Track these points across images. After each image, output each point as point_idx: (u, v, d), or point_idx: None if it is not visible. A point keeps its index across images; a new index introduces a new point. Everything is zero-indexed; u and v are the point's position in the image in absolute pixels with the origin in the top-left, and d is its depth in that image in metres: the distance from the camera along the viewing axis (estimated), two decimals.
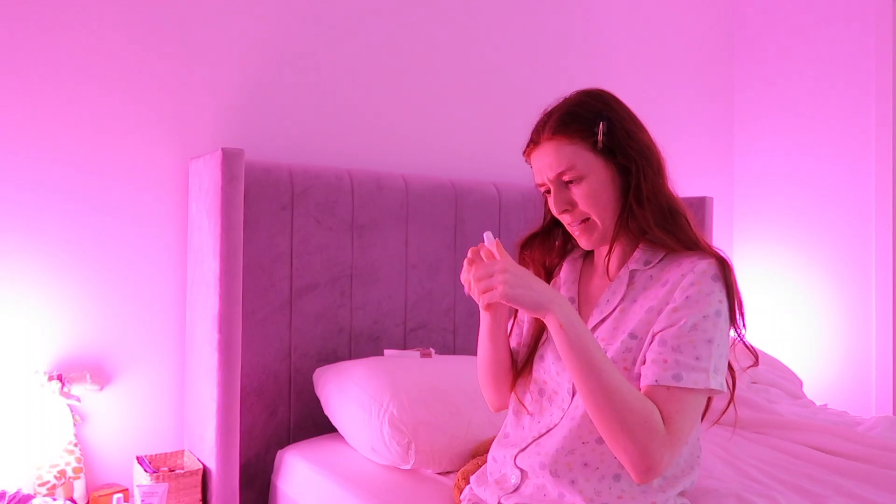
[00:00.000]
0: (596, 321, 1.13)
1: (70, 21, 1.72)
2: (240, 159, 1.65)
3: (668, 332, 1.03)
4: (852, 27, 2.82)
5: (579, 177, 1.09)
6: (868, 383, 2.77)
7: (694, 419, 1.02)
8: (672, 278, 1.07)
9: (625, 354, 1.06)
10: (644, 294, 1.10)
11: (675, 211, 1.10)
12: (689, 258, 1.08)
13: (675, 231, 1.09)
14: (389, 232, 2.07)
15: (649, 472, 0.98)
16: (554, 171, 1.10)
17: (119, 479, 1.79)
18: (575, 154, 1.09)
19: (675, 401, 1.00)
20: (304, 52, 2.06)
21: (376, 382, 1.67)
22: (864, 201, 2.79)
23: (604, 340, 1.10)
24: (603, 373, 0.98)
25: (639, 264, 1.12)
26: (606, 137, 1.08)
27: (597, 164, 1.09)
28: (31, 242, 1.69)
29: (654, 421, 0.97)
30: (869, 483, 1.48)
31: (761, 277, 3.11)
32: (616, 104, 1.12)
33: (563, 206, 1.12)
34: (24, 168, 1.68)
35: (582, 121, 1.09)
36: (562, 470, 1.09)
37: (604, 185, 1.09)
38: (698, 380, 1.00)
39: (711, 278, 1.04)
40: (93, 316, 1.77)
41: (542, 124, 1.13)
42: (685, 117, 3.07)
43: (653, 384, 1.01)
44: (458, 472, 1.49)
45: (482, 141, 2.43)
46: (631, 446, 0.97)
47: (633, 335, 1.07)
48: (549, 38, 2.61)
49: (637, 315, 1.08)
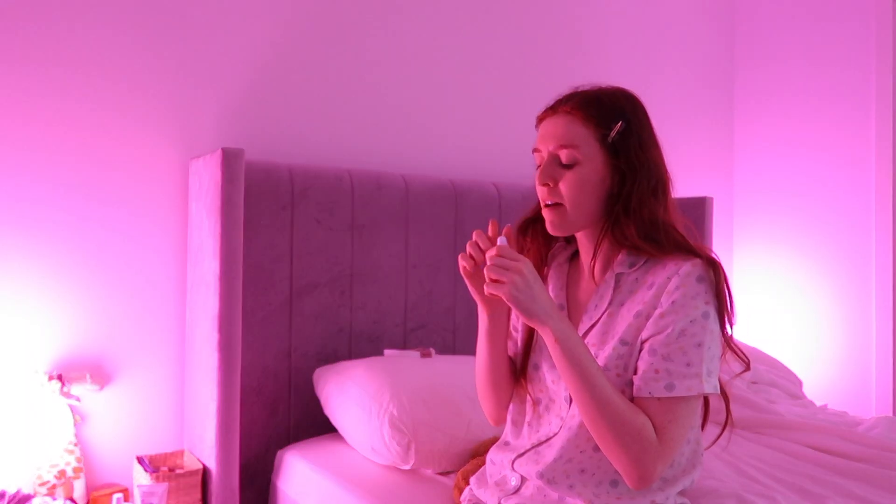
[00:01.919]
0: (586, 327, 1.13)
1: (71, 21, 1.72)
2: (240, 159, 1.65)
3: (656, 340, 1.02)
4: (853, 27, 2.82)
5: (576, 160, 1.08)
6: (868, 383, 2.77)
7: (688, 425, 1.02)
8: (657, 280, 1.06)
9: (617, 361, 1.06)
10: (631, 298, 1.09)
11: (657, 223, 1.08)
12: (673, 260, 1.06)
13: (658, 236, 1.07)
14: (389, 232, 2.07)
15: (642, 481, 0.99)
16: (556, 143, 1.09)
17: (119, 479, 1.79)
18: (583, 136, 1.08)
19: (667, 411, 1.00)
20: (305, 52, 2.06)
21: (376, 382, 1.67)
22: (864, 201, 2.79)
23: (594, 346, 1.10)
24: (596, 388, 0.98)
25: (623, 267, 1.11)
26: (619, 137, 1.07)
27: (597, 157, 1.08)
28: (32, 242, 1.69)
29: (646, 433, 0.98)
30: (869, 483, 1.48)
31: (761, 277, 3.11)
32: (641, 112, 1.12)
33: (547, 180, 1.10)
34: (24, 168, 1.68)
35: (604, 110, 1.08)
36: (559, 477, 1.09)
37: (593, 179, 1.08)
38: (691, 386, 1.00)
39: (696, 280, 1.03)
40: (93, 316, 1.77)
41: (566, 97, 1.12)
42: (685, 117, 3.07)
43: (646, 396, 1.01)
44: (458, 472, 1.49)
45: (482, 141, 2.43)
46: (624, 457, 0.98)
47: (623, 341, 1.06)
48: (549, 38, 2.61)
49: (625, 320, 1.08)
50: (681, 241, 1.08)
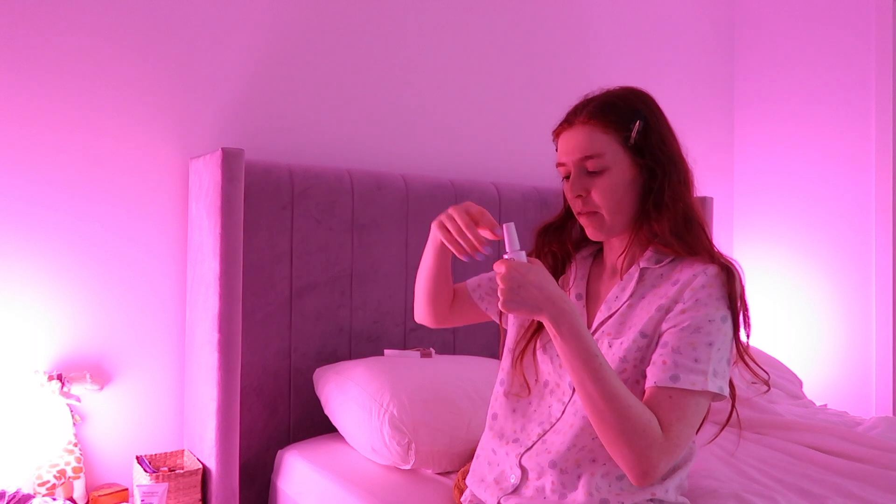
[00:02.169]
0: (603, 317, 1.13)
1: (71, 20, 1.72)
2: (240, 159, 1.65)
3: (670, 333, 1.03)
4: (853, 27, 2.82)
5: (603, 167, 1.09)
6: (868, 383, 2.77)
7: (694, 423, 1.02)
8: (683, 277, 1.07)
9: (636, 353, 1.06)
10: (653, 291, 1.10)
11: (690, 219, 1.10)
12: (701, 260, 1.08)
13: (687, 238, 1.09)
14: (389, 232, 2.07)
15: (645, 477, 0.99)
16: (581, 154, 1.10)
17: (119, 478, 1.79)
18: (606, 143, 1.09)
19: (673, 405, 1.00)
20: (305, 52, 2.06)
21: (376, 382, 1.67)
22: (864, 201, 2.79)
23: (609, 335, 1.11)
24: (600, 380, 0.97)
25: (650, 263, 1.12)
26: (640, 137, 1.08)
27: (624, 160, 1.09)
28: (32, 242, 1.69)
29: (651, 428, 0.97)
30: (869, 483, 1.48)
31: (761, 278, 3.11)
32: (655, 108, 1.13)
33: (579, 191, 1.11)
34: (24, 168, 1.68)
35: (620, 113, 1.09)
36: (570, 467, 1.09)
37: (624, 182, 1.09)
38: (696, 381, 1.00)
39: (723, 283, 1.05)
40: (93, 316, 1.77)
41: (580, 107, 1.12)
42: (685, 117, 3.07)
43: (652, 386, 1.02)
44: (459, 472, 1.49)
45: (482, 141, 2.43)
46: (628, 452, 0.97)
47: (643, 333, 1.07)
48: (550, 39, 2.61)
49: (646, 312, 1.08)
50: (707, 244, 1.09)
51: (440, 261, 1.24)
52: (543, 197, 2.33)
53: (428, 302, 1.31)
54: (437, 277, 1.26)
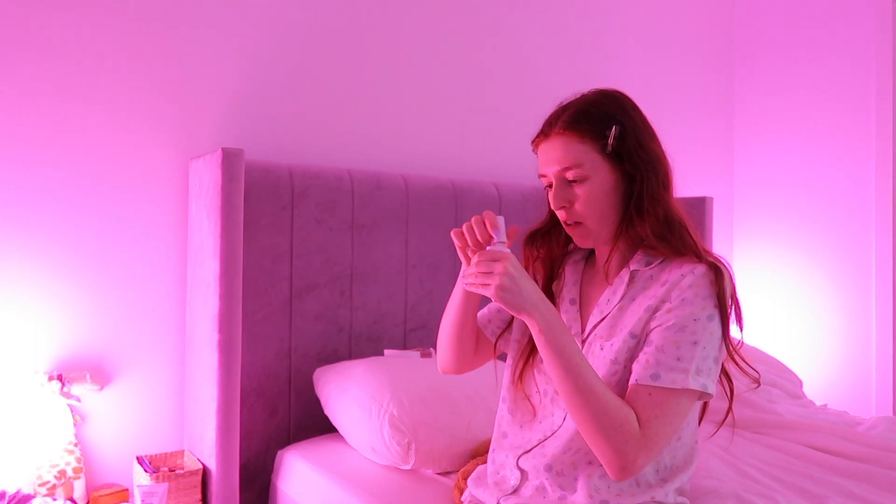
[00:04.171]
0: (596, 321, 1.14)
1: (70, 20, 1.72)
2: (240, 159, 1.65)
3: (656, 332, 1.04)
4: (852, 27, 2.82)
5: (583, 176, 1.09)
6: (868, 383, 2.77)
7: (675, 421, 1.02)
8: (671, 278, 1.08)
9: (626, 354, 1.07)
10: (643, 293, 1.10)
11: (673, 221, 1.09)
12: (689, 261, 1.08)
13: (671, 239, 1.09)
14: (389, 232, 2.07)
15: (624, 472, 0.99)
16: (559, 166, 1.10)
17: (119, 479, 1.79)
18: (583, 153, 1.08)
19: (652, 402, 1.00)
20: (305, 52, 2.06)
21: (376, 382, 1.67)
22: (864, 201, 2.79)
23: (601, 338, 1.11)
24: (580, 378, 0.99)
25: (640, 265, 1.13)
26: (617, 142, 1.08)
27: (603, 167, 1.09)
28: (32, 242, 1.69)
29: (628, 424, 0.98)
30: (869, 483, 1.48)
31: (761, 277, 3.11)
32: (632, 109, 1.12)
33: (562, 202, 1.12)
34: (23, 168, 1.68)
35: (595, 121, 1.08)
36: (566, 469, 1.09)
37: (605, 189, 1.09)
38: (676, 379, 1.00)
39: (710, 282, 1.05)
40: (93, 316, 1.77)
41: (555, 117, 1.12)
42: (685, 118, 3.07)
43: (633, 383, 1.02)
44: (459, 472, 1.49)
45: (482, 141, 2.43)
46: (606, 447, 0.99)
47: (632, 334, 1.07)
48: (549, 38, 2.61)
49: (636, 314, 1.08)
50: (692, 244, 1.09)
51: (465, 307, 1.19)
52: (543, 197, 2.32)
53: (453, 349, 1.25)
54: (462, 325, 1.21)
